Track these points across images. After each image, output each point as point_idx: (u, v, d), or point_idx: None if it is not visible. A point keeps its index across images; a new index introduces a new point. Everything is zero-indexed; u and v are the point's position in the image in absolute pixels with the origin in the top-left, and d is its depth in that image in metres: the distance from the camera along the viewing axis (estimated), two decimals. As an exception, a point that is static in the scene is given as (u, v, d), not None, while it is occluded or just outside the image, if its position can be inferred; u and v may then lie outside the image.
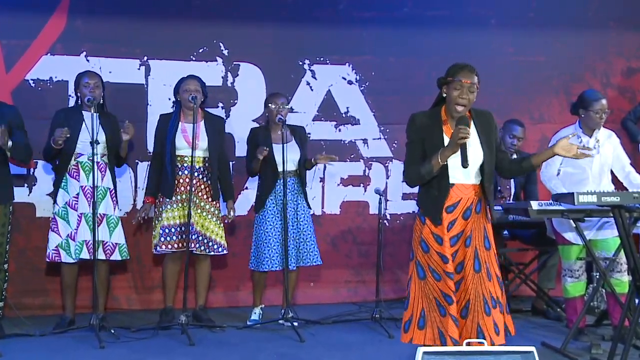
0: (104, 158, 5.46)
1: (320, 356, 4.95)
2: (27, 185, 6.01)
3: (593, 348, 4.98)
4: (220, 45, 6.43)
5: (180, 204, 5.55)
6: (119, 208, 5.59)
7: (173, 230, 5.54)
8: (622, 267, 5.15)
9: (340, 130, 6.70)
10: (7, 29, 5.97)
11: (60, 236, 5.41)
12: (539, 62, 6.91)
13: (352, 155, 6.73)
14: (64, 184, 5.44)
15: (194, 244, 5.50)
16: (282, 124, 5.58)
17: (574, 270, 5.30)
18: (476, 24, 6.80)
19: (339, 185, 6.72)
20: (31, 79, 6.04)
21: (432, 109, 4.02)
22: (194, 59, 6.36)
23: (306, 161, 5.79)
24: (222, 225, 5.67)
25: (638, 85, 7.14)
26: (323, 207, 6.68)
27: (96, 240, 5.24)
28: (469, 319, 3.88)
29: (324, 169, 6.63)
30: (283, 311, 5.59)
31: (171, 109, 5.93)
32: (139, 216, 5.69)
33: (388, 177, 6.78)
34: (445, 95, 3.92)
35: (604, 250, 5.24)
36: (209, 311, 5.82)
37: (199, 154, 5.54)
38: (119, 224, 5.49)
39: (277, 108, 5.69)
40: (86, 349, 5.00)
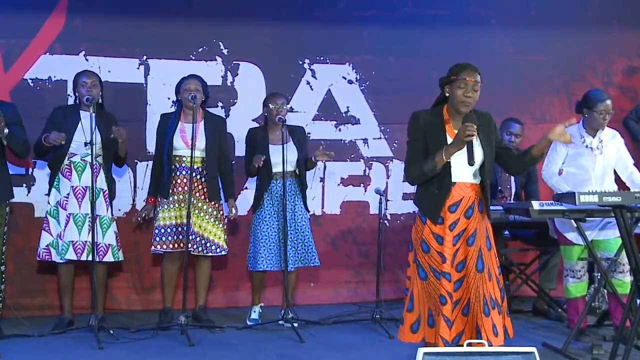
0: (99, 159, 5.41)
1: (320, 357, 4.93)
2: (26, 185, 6.00)
3: (594, 349, 4.96)
4: (220, 44, 6.41)
5: (177, 204, 5.52)
6: (112, 209, 5.52)
7: (169, 231, 5.52)
8: (625, 268, 5.14)
9: (340, 129, 6.68)
10: (6, 28, 5.95)
11: (51, 235, 5.38)
12: (540, 62, 6.89)
13: (352, 155, 6.71)
14: (56, 183, 5.42)
15: (191, 244, 5.47)
16: (282, 123, 5.56)
17: (576, 270, 5.28)
18: (476, 23, 6.79)
19: (339, 185, 6.70)
20: (30, 79, 6.02)
21: (434, 107, 4.01)
22: (194, 58, 6.34)
23: (307, 161, 5.77)
24: (222, 225, 5.64)
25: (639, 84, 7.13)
26: (323, 207, 6.66)
27: (89, 241, 5.22)
28: (469, 318, 3.88)
29: (324, 169, 6.61)
30: (283, 312, 5.58)
31: (170, 108, 5.92)
32: (138, 216, 5.68)
33: (388, 177, 6.76)
34: (448, 94, 3.91)
35: (606, 251, 5.22)
36: (209, 311, 5.80)
37: (197, 154, 5.50)
38: (111, 225, 5.43)
39: (277, 108, 5.67)
40: (85, 349, 4.98)
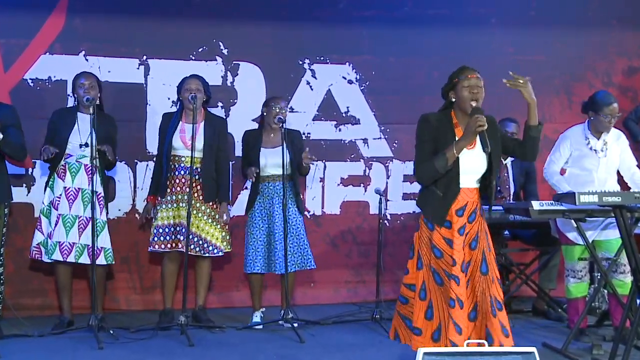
0: (95, 161, 5.33)
1: (320, 357, 4.93)
2: (26, 185, 5.99)
3: (594, 349, 4.96)
4: (220, 44, 6.41)
5: (175, 204, 5.52)
6: (107, 211, 5.50)
7: (167, 230, 5.52)
8: (626, 269, 5.12)
9: (340, 130, 6.67)
10: (6, 28, 5.95)
11: (42, 234, 5.38)
12: (540, 62, 6.87)
13: (352, 155, 6.70)
14: (51, 183, 5.41)
15: (189, 244, 5.45)
16: (282, 124, 5.53)
17: (577, 270, 5.27)
18: (476, 23, 6.78)
19: (339, 185, 6.69)
20: (30, 79, 6.01)
21: (442, 111, 4.03)
22: (194, 58, 6.34)
23: (299, 166, 5.66)
24: (221, 226, 5.63)
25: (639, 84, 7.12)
26: (323, 207, 6.65)
27: (77, 242, 5.24)
28: (478, 320, 3.89)
29: (324, 169, 6.61)
30: (283, 312, 5.57)
31: (170, 108, 5.91)
32: (142, 217, 5.74)
33: (388, 177, 6.75)
34: (454, 99, 3.94)
35: (607, 251, 5.21)
36: (208, 311, 5.79)
37: (195, 155, 5.47)
38: (104, 227, 5.39)
39: (278, 111, 5.63)
40: (85, 349, 4.98)
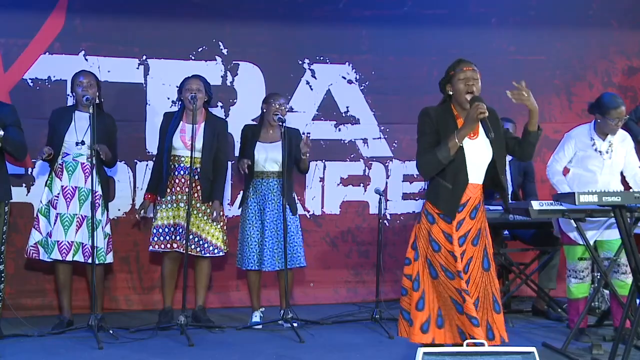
0: (93, 159, 5.30)
1: (320, 357, 4.92)
2: (25, 185, 5.98)
3: (594, 349, 4.96)
4: (220, 44, 6.40)
5: (175, 204, 5.52)
6: (107, 211, 5.49)
7: (166, 230, 5.52)
8: (627, 269, 5.10)
9: (340, 129, 6.67)
10: (6, 28, 5.95)
11: (40, 233, 5.37)
12: (540, 61, 6.87)
13: (352, 155, 6.70)
14: (49, 182, 5.41)
15: (189, 244, 5.45)
16: (282, 123, 5.52)
17: (578, 271, 5.26)
18: (476, 22, 6.78)
19: (339, 185, 6.69)
20: (29, 78, 6.01)
21: (442, 105, 4.03)
22: (193, 58, 6.33)
23: (298, 162, 5.65)
24: (220, 226, 5.62)
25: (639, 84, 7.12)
26: (323, 207, 6.65)
27: (75, 241, 5.23)
28: (479, 316, 3.89)
29: (324, 169, 6.60)
30: (282, 312, 5.57)
31: (170, 108, 5.90)
32: (137, 214, 5.71)
33: (388, 177, 6.75)
34: (451, 92, 3.94)
35: (609, 251, 5.20)
36: (208, 311, 5.79)
37: (194, 155, 5.46)
38: (99, 226, 5.35)
39: (277, 107, 5.63)
40: (85, 349, 4.97)
